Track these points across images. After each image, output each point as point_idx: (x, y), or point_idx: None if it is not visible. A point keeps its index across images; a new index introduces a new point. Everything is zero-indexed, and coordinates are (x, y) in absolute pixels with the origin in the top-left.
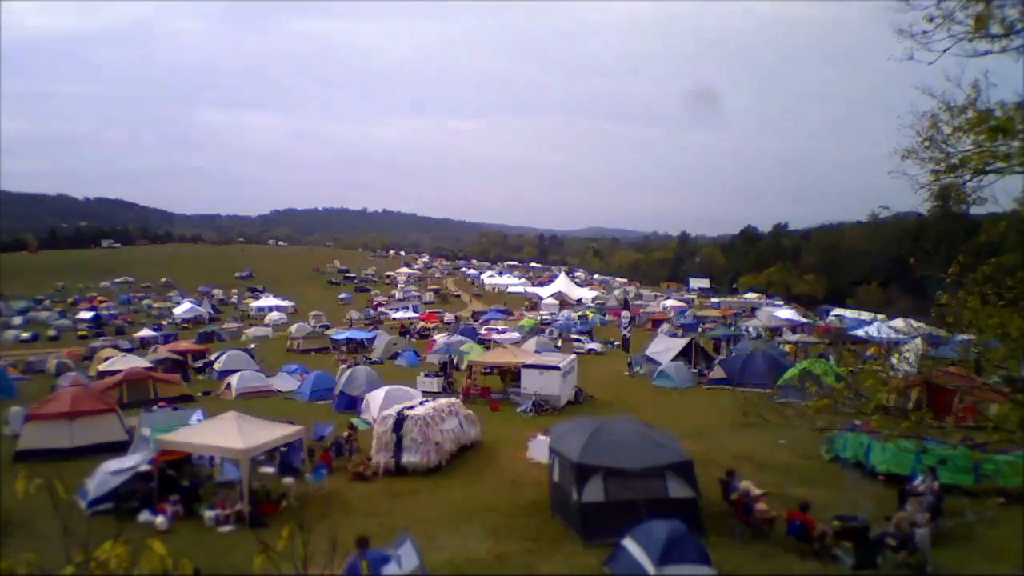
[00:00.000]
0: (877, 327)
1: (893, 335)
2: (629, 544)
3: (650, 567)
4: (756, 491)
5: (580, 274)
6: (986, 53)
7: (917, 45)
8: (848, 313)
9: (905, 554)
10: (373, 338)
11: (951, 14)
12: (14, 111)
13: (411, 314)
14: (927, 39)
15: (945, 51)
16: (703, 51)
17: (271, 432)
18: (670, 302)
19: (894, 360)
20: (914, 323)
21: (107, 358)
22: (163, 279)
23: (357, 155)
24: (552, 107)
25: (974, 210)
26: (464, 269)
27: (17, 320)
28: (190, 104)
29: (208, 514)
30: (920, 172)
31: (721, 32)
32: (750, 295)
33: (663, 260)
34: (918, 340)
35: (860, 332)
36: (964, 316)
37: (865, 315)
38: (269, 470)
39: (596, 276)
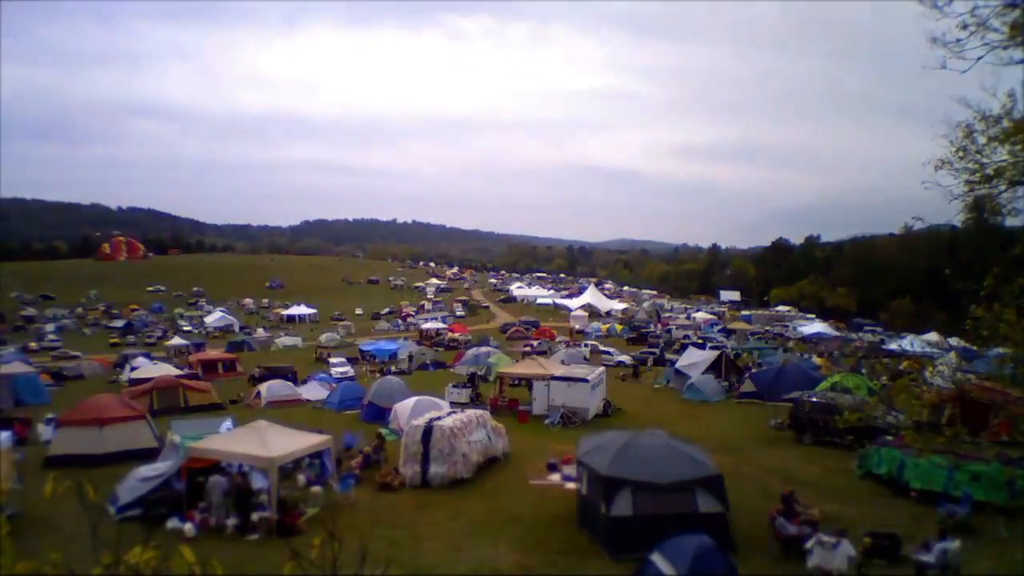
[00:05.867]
0: (911, 341)
1: (927, 349)
2: (657, 559)
3: None
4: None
5: (609, 286)
6: (1022, 61)
7: (950, 53)
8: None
9: (938, 572)
10: (399, 349)
11: (985, 21)
12: None
13: (439, 325)
14: (960, 47)
15: (979, 59)
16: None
17: (300, 441)
18: (700, 315)
19: (927, 374)
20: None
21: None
22: (194, 287)
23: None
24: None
25: (1009, 221)
26: (492, 280)
27: (50, 327)
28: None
29: (231, 522)
30: (954, 183)
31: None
32: (781, 308)
33: (693, 272)
34: (952, 354)
35: (893, 346)
36: (1000, 330)
37: None
38: (300, 479)
39: (625, 288)
